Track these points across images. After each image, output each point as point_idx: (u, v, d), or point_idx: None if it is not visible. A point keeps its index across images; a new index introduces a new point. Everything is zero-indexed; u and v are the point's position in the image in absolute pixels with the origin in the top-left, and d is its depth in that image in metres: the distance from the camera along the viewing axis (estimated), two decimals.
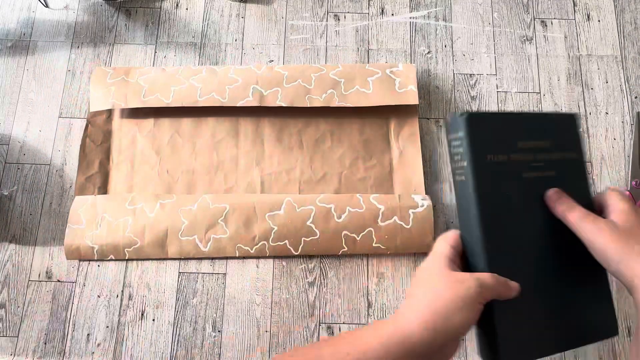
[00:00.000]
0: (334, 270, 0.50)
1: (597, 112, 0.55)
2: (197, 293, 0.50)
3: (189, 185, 0.52)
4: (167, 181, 0.52)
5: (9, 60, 0.57)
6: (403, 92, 0.53)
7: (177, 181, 0.52)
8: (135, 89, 0.54)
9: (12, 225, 0.51)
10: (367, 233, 0.50)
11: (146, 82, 0.54)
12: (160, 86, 0.54)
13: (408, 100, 0.53)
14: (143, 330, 0.49)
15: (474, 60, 0.57)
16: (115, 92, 0.53)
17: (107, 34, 0.58)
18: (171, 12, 0.59)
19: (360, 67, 0.55)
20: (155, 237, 0.49)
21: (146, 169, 0.53)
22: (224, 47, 0.58)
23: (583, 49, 0.58)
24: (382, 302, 0.49)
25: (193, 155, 0.53)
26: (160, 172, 0.53)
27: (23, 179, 0.53)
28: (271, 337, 0.48)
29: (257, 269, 0.50)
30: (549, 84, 0.56)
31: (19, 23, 0.59)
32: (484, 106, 0.56)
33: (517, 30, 0.58)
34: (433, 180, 0.53)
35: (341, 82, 0.54)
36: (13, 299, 0.49)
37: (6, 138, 0.54)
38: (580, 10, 0.59)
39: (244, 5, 0.59)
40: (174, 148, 0.53)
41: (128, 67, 0.55)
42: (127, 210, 0.50)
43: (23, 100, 0.56)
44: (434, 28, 0.59)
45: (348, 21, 0.59)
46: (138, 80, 0.54)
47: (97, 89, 0.54)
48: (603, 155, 0.54)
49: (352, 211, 0.50)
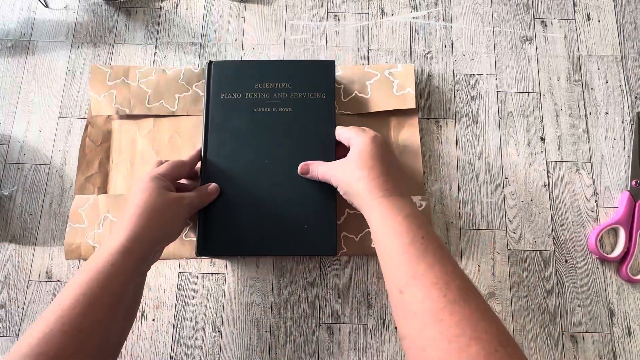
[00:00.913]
0: (334, 270, 0.50)
1: (597, 112, 0.55)
2: (197, 293, 0.50)
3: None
4: None
5: (9, 60, 0.57)
6: (401, 95, 0.53)
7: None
8: (138, 94, 0.54)
9: (12, 225, 0.51)
10: (366, 234, 0.50)
11: (149, 87, 0.54)
12: (163, 92, 0.54)
13: (405, 104, 0.53)
14: (143, 330, 0.49)
15: (474, 60, 0.57)
16: (117, 96, 0.54)
17: (107, 34, 0.58)
18: (171, 12, 0.59)
19: (359, 69, 0.55)
20: None
21: (146, 169, 0.53)
22: (224, 47, 0.58)
23: (583, 49, 0.58)
24: (382, 302, 0.49)
25: None
26: None
27: (23, 179, 0.53)
28: (271, 337, 0.48)
29: (257, 269, 0.50)
30: (549, 84, 0.56)
31: (19, 23, 0.59)
32: (484, 106, 0.56)
33: (517, 30, 0.58)
34: (433, 180, 0.53)
35: (340, 88, 0.54)
36: (13, 299, 0.49)
37: (6, 138, 0.54)
38: (580, 10, 0.59)
39: (244, 5, 0.59)
40: (173, 148, 0.53)
41: (127, 67, 0.55)
42: None
43: (23, 100, 0.56)
44: (434, 28, 0.59)
45: (348, 21, 0.59)
46: (140, 83, 0.54)
47: (98, 91, 0.54)
48: (603, 155, 0.54)
49: (350, 212, 0.50)
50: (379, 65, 0.56)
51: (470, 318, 0.31)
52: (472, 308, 0.31)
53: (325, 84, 0.51)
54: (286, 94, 0.50)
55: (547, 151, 0.54)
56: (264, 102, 0.50)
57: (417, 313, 0.32)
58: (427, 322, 0.32)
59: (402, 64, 0.55)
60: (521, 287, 0.50)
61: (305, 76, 0.51)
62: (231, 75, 0.51)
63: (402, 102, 0.53)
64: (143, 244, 0.38)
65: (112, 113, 0.53)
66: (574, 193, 0.53)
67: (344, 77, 0.55)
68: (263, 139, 0.49)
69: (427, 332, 0.31)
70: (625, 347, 0.48)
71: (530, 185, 0.53)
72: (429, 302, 0.32)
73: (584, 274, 0.50)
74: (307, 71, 0.51)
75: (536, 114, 0.55)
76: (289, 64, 0.52)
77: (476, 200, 0.53)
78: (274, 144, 0.49)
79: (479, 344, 0.29)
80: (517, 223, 0.52)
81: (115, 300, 0.36)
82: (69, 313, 0.33)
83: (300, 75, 0.51)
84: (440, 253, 0.35)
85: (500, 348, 0.29)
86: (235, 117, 0.50)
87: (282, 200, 0.47)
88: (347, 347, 0.48)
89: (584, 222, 0.52)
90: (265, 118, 0.50)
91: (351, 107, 0.54)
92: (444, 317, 0.31)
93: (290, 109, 0.50)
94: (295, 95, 0.50)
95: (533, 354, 0.48)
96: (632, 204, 0.51)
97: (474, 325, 0.30)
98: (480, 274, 0.50)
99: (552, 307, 0.49)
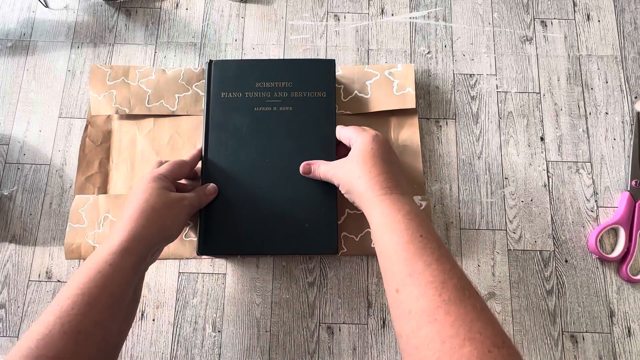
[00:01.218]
0: (334, 270, 0.50)
1: (597, 112, 0.55)
2: (197, 293, 0.50)
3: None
4: None
5: (9, 60, 0.57)
6: (401, 95, 0.53)
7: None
8: (138, 94, 0.54)
9: (12, 225, 0.51)
10: (366, 234, 0.50)
11: (149, 87, 0.54)
12: (163, 92, 0.54)
13: (405, 104, 0.53)
14: (143, 330, 0.49)
15: (474, 60, 0.57)
16: (117, 95, 0.53)
17: (107, 34, 0.58)
18: (171, 12, 0.59)
19: (359, 69, 0.55)
20: None
21: (146, 169, 0.53)
22: (224, 47, 0.58)
23: (583, 49, 0.58)
24: (382, 302, 0.49)
25: None
26: None
27: (23, 179, 0.53)
28: (271, 337, 0.48)
29: (257, 269, 0.50)
30: (549, 84, 0.56)
31: (19, 23, 0.59)
32: (484, 106, 0.56)
33: (517, 30, 0.58)
34: (433, 180, 0.53)
35: (340, 88, 0.54)
36: (13, 299, 0.49)
37: (6, 138, 0.54)
38: (580, 10, 0.59)
39: (244, 5, 0.59)
40: (174, 148, 0.53)
41: (127, 66, 0.55)
42: None
43: (23, 100, 0.56)
44: (434, 28, 0.59)
45: (348, 21, 0.59)
46: (139, 83, 0.54)
47: (97, 91, 0.54)
48: (603, 155, 0.54)
49: (350, 212, 0.50)
50: (379, 65, 0.56)
51: (465, 318, 0.30)
52: (468, 308, 0.31)
53: (326, 83, 0.51)
54: (287, 93, 0.50)
55: (547, 151, 0.54)
56: (264, 101, 0.50)
57: (412, 311, 0.32)
58: (422, 321, 0.31)
59: (402, 64, 0.55)
60: (521, 287, 0.50)
61: (305, 75, 0.51)
62: (231, 75, 0.51)
63: (402, 102, 0.53)
64: (142, 244, 0.38)
65: (112, 113, 0.53)
66: (574, 193, 0.53)
67: (344, 77, 0.55)
68: (264, 138, 0.49)
69: (422, 332, 0.31)
70: (625, 347, 0.48)
71: (530, 185, 0.53)
72: (424, 300, 0.32)
73: (584, 274, 0.50)
74: (308, 70, 0.51)
75: (536, 114, 0.55)
76: (289, 63, 0.52)
77: (476, 200, 0.53)
78: (274, 143, 0.49)
79: (472, 344, 0.29)
80: (517, 223, 0.52)
81: (114, 301, 0.36)
82: (68, 314, 0.33)
83: (300, 74, 0.51)
84: (438, 252, 0.35)
85: (495, 349, 0.29)
86: (236, 117, 0.50)
87: (283, 199, 0.47)
88: (347, 347, 0.48)
89: (584, 222, 0.52)
90: (266, 117, 0.50)
91: (351, 107, 0.54)
92: (438, 316, 0.31)
93: (290, 108, 0.50)
94: (296, 94, 0.50)
95: (533, 354, 0.48)
96: (632, 204, 0.51)
97: (469, 326, 0.30)
98: (480, 274, 0.50)
99: (552, 307, 0.49)
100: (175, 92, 0.54)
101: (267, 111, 0.50)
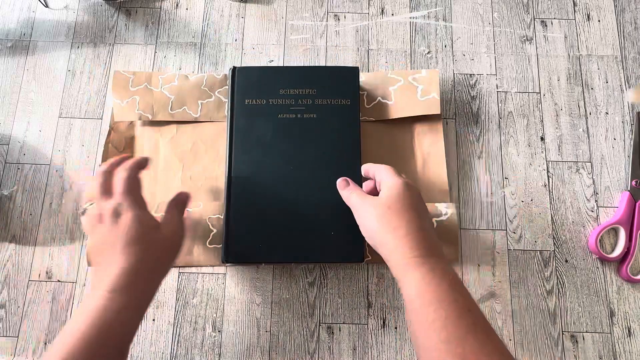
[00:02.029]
0: (334, 270, 0.50)
1: (597, 112, 0.55)
2: (197, 293, 0.50)
3: (213, 192, 0.52)
4: (191, 188, 0.51)
5: (9, 60, 0.57)
6: (425, 101, 0.53)
7: (200, 188, 0.52)
8: (161, 100, 0.53)
9: (12, 225, 0.51)
10: None
11: (171, 93, 0.54)
12: (186, 98, 0.54)
13: (430, 110, 0.52)
14: (143, 330, 0.49)
15: (474, 60, 0.57)
16: (140, 102, 0.53)
17: (107, 34, 0.58)
18: (171, 12, 0.59)
19: (382, 75, 0.54)
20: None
21: (169, 175, 0.53)
22: (224, 47, 0.58)
23: (583, 49, 0.58)
24: (382, 302, 0.49)
25: (216, 162, 0.52)
26: (184, 179, 0.52)
27: (23, 179, 0.53)
28: (271, 337, 0.48)
29: (257, 269, 0.50)
30: (549, 84, 0.56)
31: (19, 23, 0.59)
32: (484, 106, 0.56)
33: (517, 30, 0.59)
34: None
35: (364, 94, 0.54)
36: (13, 299, 0.49)
37: (6, 138, 0.54)
38: (580, 10, 0.59)
39: (244, 5, 0.59)
40: (197, 155, 0.53)
41: (149, 73, 0.55)
42: None
43: (23, 100, 0.56)
44: (434, 28, 0.59)
45: (348, 21, 0.59)
46: (162, 89, 0.54)
47: (120, 97, 0.53)
48: (603, 155, 0.54)
49: None
50: (402, 71, 0.55)
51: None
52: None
53: (350, 90, 0.51)
54: (311, 100, 0.50)
55: (547, 151, 0.54)
56: (288, 108, 0.50)
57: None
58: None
59: (426, 70, 0.54)
60: (521, 287, 0.50)
61: (329, 82, 0.51)
62: (255, 81, 0.51)
63: (427, 108, 0.52)
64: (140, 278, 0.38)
65: (135, 119, 0.53)
66: (574, 193, 0.53)
67: (367, 83, 0.54)
68: (288, 145, 0.49)
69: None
70: (625, 347, 0.48)
71: (530, 185, 0.53)
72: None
73: (584, 274, 0.50)
74: (331, 77, 0.51)
75: (536, 113, 0.55)
76: (313, 70, 0.53)
77: (476, 200, 0.53)
78: (299, 151, 0.49)
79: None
80: (517, 223, 0.52)
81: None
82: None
83: (324, 82, 0.51)
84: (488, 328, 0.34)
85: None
86: (260, 124, 0.50)
87: (308, 207, 0.47)
88: (347, 347, 0.48)
89: (584, 222, 0.52)
90: (290, 124, 0.50)
91: (374, 114, 0.53)
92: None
93: (314, 115, 0.50)
94: (320, 101, 0.50)
95: (533, 354, 0.48)
96: (632, 204, 0.51)
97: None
98: (480, 273, 0.50)
99: (552, 307, 0.49)
100: (198, 98, 0.54)
101: (292, 118, 0.50)
